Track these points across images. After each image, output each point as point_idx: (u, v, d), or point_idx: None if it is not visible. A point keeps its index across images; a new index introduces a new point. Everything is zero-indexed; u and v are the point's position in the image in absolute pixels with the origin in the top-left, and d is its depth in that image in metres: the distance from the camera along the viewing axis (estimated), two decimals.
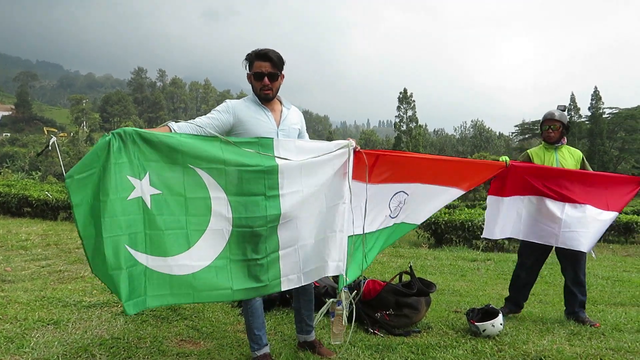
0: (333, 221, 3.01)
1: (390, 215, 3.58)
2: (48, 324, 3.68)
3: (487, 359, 3.23)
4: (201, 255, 2.68)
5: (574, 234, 4.10)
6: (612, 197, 4.26)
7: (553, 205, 4.15)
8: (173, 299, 2.67)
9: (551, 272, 6.90)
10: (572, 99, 57.36)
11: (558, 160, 4.40)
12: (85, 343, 3.28)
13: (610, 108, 55.48)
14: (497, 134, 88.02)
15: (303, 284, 3.01)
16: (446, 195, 3.81)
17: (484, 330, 3.73)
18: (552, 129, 4.41)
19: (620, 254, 10.69)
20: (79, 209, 2.34)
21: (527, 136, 60.13)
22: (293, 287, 3.00)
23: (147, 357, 3.12)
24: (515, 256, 10.04)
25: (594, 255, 4.91)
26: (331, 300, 3.09)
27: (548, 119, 4.46)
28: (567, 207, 4.13)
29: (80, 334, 3.48)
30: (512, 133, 67.65)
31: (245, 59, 3.07)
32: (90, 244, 2.36)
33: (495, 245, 11.88)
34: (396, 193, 3.56)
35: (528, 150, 4.67)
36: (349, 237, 3.08)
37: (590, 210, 4.16)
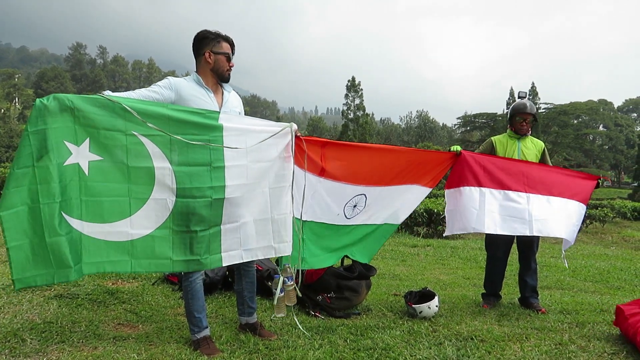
0: (279, 203, 3.08)
1: (346, 216, 3.64)
2: None
3: (422, 338, 3.35)
4: (142, 223, 2.66)
5: (545, 221, 3.97)
6: (574, 188, 4.15)
7: (517, 197, 4.00)
8: (110, 267, 2.64)
9: (485, 257, 7.23)
10: (511, 94, 59.74)
11: (520, 149, 4.39)
12: (14, 327, 3.12)
13: (546, 104, 58.09)
14: (441, 124, 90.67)
15: (244, 261, 3.05)
16: (410, 192, 3.86)
17: (420, 312, 3.87)
18: (525, 122, 4.39)
19: (549, 242, 11.34)
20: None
21: (468, 128, 61.99)
22: (234, 263, 3.05)
23: (82, 342, 3.01)
24: (453, 243, 10.49)
25: (566, 264, 4.96)
26: (280, 278, 3.16)
27: (522, 112, 4.40)
28: (532, 196, 4.01)
29: (10, 318, 3.32)
30: (455, 125, 69.60)
31: (210, 37, 3.01)
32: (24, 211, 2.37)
33: (435, 232, 12.29)
34: (357, 195, 3.63)
35: (492, 138, 4.59)
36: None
37: (554, 200, 4.05)
